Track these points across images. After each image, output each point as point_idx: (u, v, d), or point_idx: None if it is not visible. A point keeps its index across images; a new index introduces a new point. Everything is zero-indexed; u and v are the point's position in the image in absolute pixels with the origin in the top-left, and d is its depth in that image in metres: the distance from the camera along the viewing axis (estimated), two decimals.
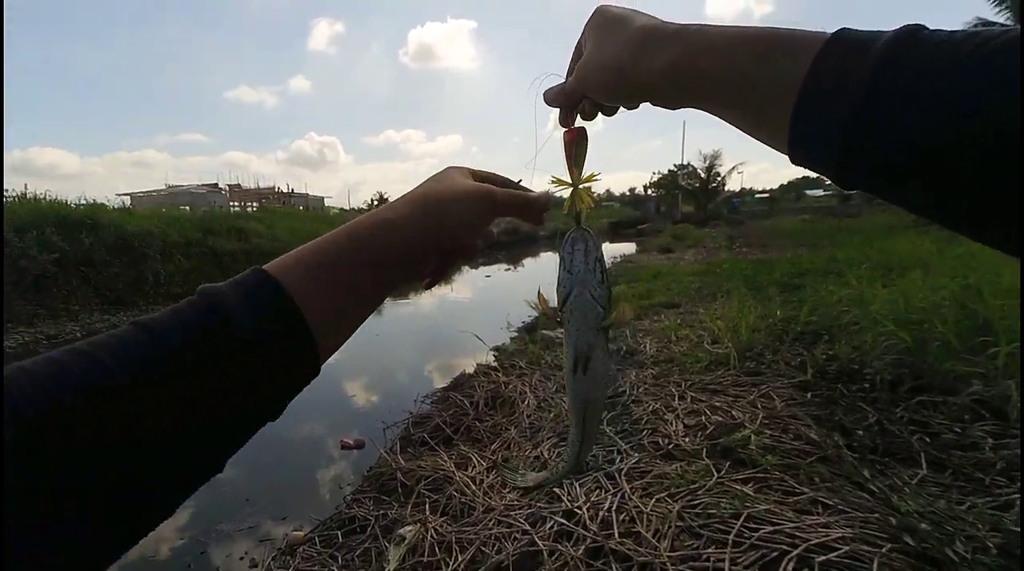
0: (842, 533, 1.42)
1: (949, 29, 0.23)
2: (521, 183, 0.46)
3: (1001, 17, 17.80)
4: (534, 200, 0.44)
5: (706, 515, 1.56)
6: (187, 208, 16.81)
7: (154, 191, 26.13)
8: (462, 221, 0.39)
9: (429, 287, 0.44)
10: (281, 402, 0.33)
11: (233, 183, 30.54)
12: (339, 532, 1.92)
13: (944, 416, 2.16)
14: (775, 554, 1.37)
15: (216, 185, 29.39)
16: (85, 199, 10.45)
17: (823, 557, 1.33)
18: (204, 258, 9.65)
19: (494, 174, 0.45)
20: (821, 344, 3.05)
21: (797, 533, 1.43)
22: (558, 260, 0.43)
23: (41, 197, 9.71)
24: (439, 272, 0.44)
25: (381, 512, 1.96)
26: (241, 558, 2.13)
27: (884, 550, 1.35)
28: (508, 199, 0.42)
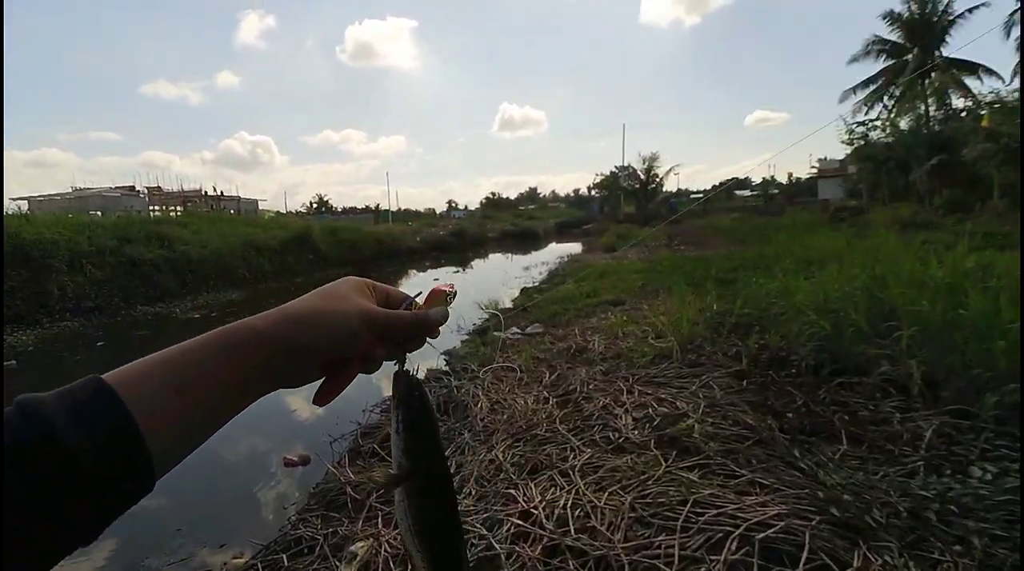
0: (778, 510, 1.52)
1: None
2: (417, 299, 0.46)
3: (894, 35, 19.98)
4: (421, 321, 0.44)
5: (656, 504, 1.62)
6: (98, 213, 15.30)
7: (57, 195, 23.53)
8: (337, 341, 0.39)
9: (317, 403, 0.42)
10: (102, 526, 0.30)
11: (152, 186, 28.10)
12: (284, 555, 1.81)
13: (859, 395, 2.38)
14: (720, 535, 1.44)
15: (133, 188, 26.92)
16: None
17: (762, 534, 1.42)
18: (120, 268, 8.80)
19: (393, 290, 0.45)
20: (754, 334, 3.26)
21: (739, 514, 1.52)
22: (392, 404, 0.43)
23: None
24: (328, 389, 0.42)
25: (330, 530, 1.87)
26: None
27: (814, 523, 1.47)
28: (392, 322, 0.42)
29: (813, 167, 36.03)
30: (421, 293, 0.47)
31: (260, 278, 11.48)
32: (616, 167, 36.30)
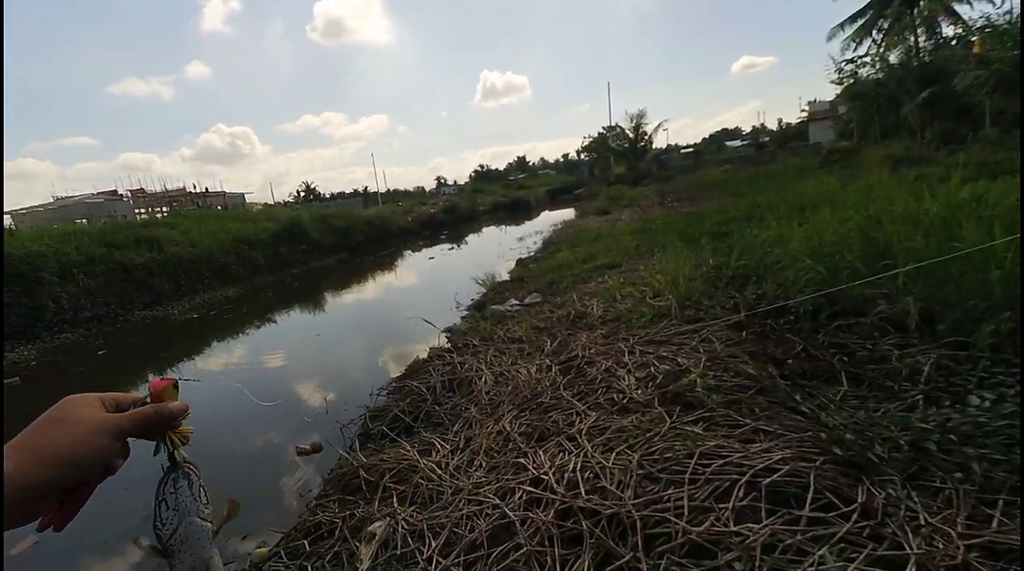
0: (782, 455, 1.55)
1: None
2: (147, 399, 0.47)
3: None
4: (165, 412, 0.45)
5: (663, 460, 1.65)
6: (83, 221, 15.05)
7: (39, 206, 23.10)
8: (84, 463, 0.40)
9: (59, 529, 0.42)
10: None
11: (136, 188, 27.54)
12: (305, 541, 1.85)
13: (857, 336, 2.39)
14: (727, 484, 1.48)
15: (115, 192, 26.40)
16: None
17: (768, 479, 1.45)
18: (113, 275, 8.71)
19: (120, 395, 0.46)
20: (750, 285, 3.26)
21: (744, 461, 1.55)
22: (155, 502, 0.45)
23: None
24: (68, 512, 0.42)
25: (348, 513, 1.91)
26: None
27: (818, 463, 1.50)
28: (143, 421, 0.44)
29: (803, 111, 35.37)
30: (150, 395, 0.48)
31: (255, 272, 11.40)
32: (604, 128, 35.60)
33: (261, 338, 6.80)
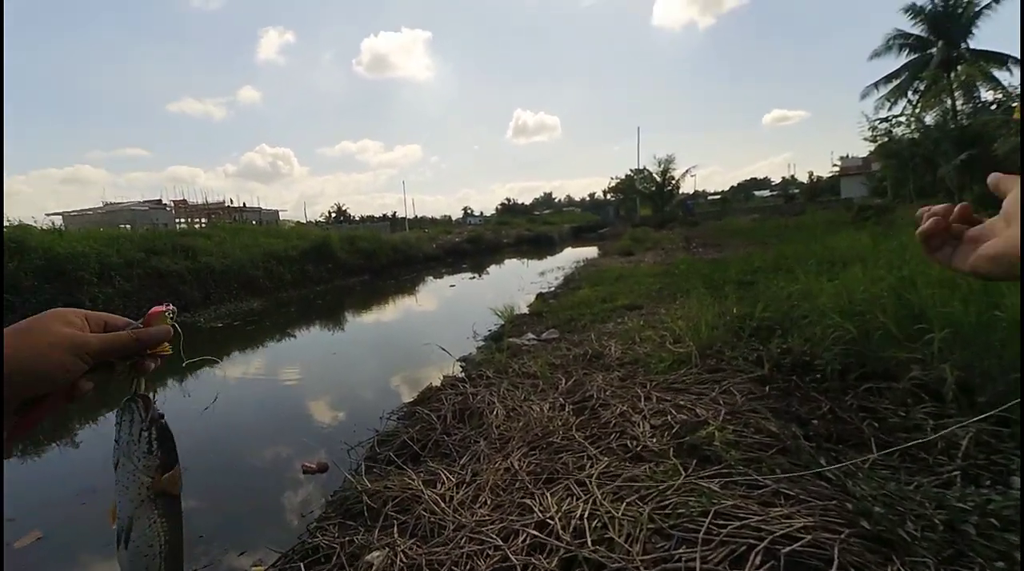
0: (804, 522, 1.46)
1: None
2: (140, 324, 0.45)
3: (917, 29, 19.46)
4: (142, 338, 0.44)
5: (676, 515, 1.57)
6: (127, 227, 15.82)
7: (90, 210, 24.44)
8: (40, 377, 0.38)
9: (10, 442, 0.41)
10: None
11: (179, 199, 29.01)
12: (302, 564, 1.81)
13: (889, 401, 2.28)
14: (743, 548, 1.39)
15: (160, 201, 27.82)
16: (8, 220, 9.63)
17: (788, 547, 1.36)
18: (148, 279, 9.06)
19: (112, 317, 0.45)
20: (775, 338, 3.17)
21: (763, 526, 1.46)
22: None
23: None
24: (18, 428, 0.40)
25: (347, 539, 1.86)
26: None
27: (843, 536, 1.40)
28: (109, 346, 0.42)
29: (835, 165, 35.23)
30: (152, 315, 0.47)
31: (280, 287, 11.69)
32: (632, 170, 36.07)
33: (280, 352, 6.90)
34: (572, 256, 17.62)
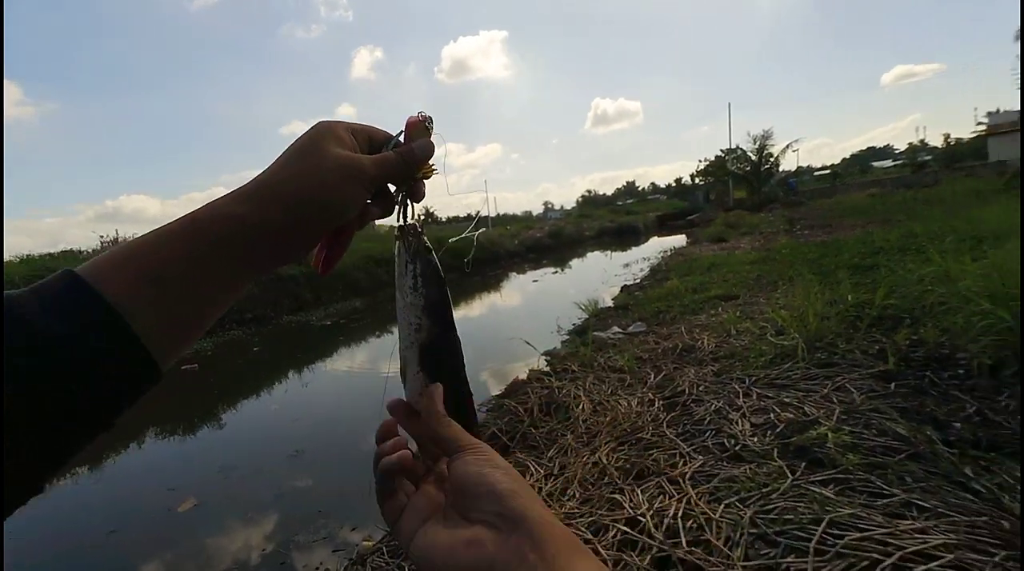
0: (944, 539, 1.27)
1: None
2: (400, 136, 0.41)
3: None
4: (408, 159, 0.40)
5: (782, 521, 1.45)
6: None
7: None
8: (332, 209, 0.36)
9: (324, 272, 0.41)
10: (112, 412, 0.30)
11: None
12: None
13: None
14: (865, 563, 1.25)
15: None
16: None
17: (923, 567, 1.20)
18: (270, 284, 10.31)
19: (374, 130, 0.41)
20: (903, 329, 2.78)
21: (889, 540, 1.30)
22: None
23: (129, 238, 10.78)
24: (329, 259, 0.40)
25: None
26: (316, 568, 2.23)
27: (998, 558, 1.20)
28: (381, 172, 0.38)
29: (980, 124, 29.68)
30: (402, 133, 0.42)
31: (379, 287, 12.66)
32: (722, 151, 33.47)
33: (379, 346, 7.48)
34: (658, 246, 16.85)
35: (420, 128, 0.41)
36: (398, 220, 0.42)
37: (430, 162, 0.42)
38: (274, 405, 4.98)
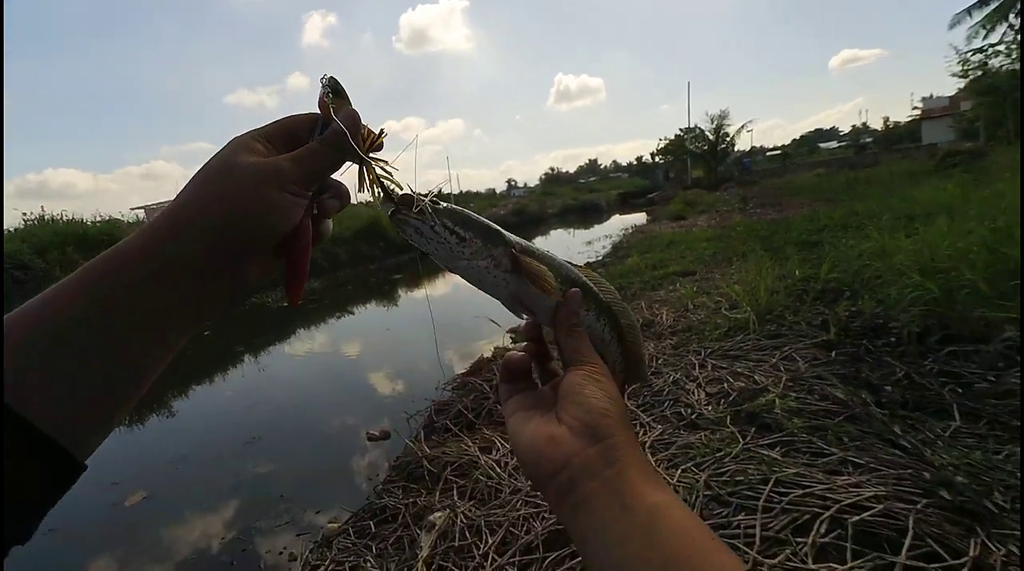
0: (875, 491, 1.39)
1: None
2: (331, 107, 0.35)
3: None
4: (340, 138, 0.34)
5: (734, 482, 1.55)
6: None
7: (167, 201, 26.53)
8: (256, 229, 0.31)
9: (293, 301, 0.37)
10: (30, 523, 0.26)
11: None
12: (371, 522, 1.96)
13: (976, 365, 2.09)
14: (807, 517, 1.35)
15: None
16: (100, 216, 10.67)
17: (856, 517, 1.31)
18: None
19: (290, 121, 0.36)
20: (843, 301, 2.97)
21: (828, 495, 1.41)
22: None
23: (58, 217, 9.92)
24: (291, 285, 0.36)
25: (411, 500, 1.99)
26: (280, 552, 2.20)
27: (919, 506, 1.33)
28: (304, 163, 0.33)
29: (915, 108, 31.57)
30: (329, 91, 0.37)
31: (337, 267, 12.29)
32: (681, 130, 34.11)
33: (339, 329, 7.31)
34: (619, 223, 17.15)
35: (327, 101, 0.35)
36: (377, 200, 0.38)
37: (372, 129, 0.37)
38: (228, 392, 4.80)
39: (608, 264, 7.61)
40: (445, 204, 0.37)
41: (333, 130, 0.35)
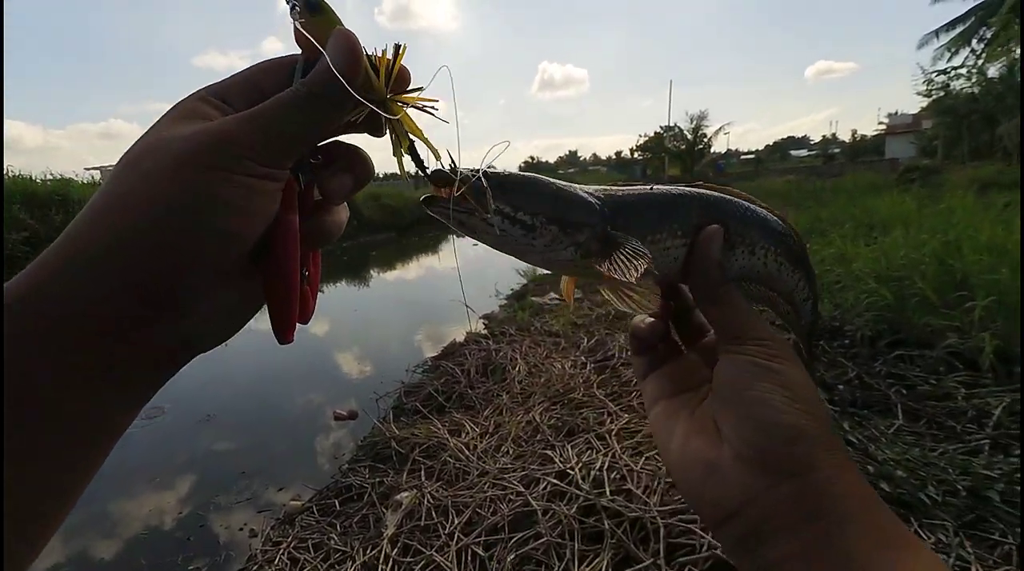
0: None
1: None
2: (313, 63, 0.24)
3: None
4: (321, 79, 0.22)
5: None
6: None
7: None
8: (205, 241, 0.20)
9: (283, 340, 0.26)
10: None
11: None
12: (336, 500, 1.95)
13: (920, 368, 2.23)
14: None
15: None
16: (51, 174, 9.97)
17: None
18: None
19: (253, 72, 0.24)
20: None
21: None
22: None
23: (4, 173, 9.21)
24: (275, 311, 0.25)
25: (377, 480, 1.99)
26: (240, 529, 2.16)
27: None
28: (268, 122, 0.21)
29: (881, 123, 33.01)
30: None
31: None
32: (661, 127, 34.56)
33: None
34: None
35: (319, 31, 0.23)
36: (405, 173, 0.27)
37: (379, 53, 0.24)
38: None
39: None
40: (497, 170, 0.27)
41: (320, 67, 0.23)
